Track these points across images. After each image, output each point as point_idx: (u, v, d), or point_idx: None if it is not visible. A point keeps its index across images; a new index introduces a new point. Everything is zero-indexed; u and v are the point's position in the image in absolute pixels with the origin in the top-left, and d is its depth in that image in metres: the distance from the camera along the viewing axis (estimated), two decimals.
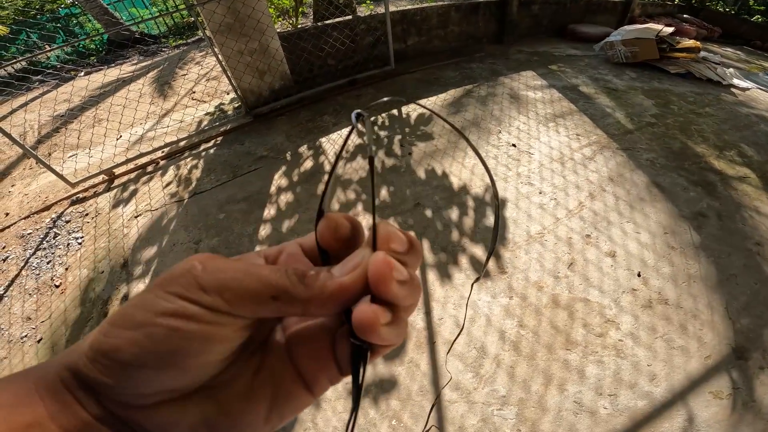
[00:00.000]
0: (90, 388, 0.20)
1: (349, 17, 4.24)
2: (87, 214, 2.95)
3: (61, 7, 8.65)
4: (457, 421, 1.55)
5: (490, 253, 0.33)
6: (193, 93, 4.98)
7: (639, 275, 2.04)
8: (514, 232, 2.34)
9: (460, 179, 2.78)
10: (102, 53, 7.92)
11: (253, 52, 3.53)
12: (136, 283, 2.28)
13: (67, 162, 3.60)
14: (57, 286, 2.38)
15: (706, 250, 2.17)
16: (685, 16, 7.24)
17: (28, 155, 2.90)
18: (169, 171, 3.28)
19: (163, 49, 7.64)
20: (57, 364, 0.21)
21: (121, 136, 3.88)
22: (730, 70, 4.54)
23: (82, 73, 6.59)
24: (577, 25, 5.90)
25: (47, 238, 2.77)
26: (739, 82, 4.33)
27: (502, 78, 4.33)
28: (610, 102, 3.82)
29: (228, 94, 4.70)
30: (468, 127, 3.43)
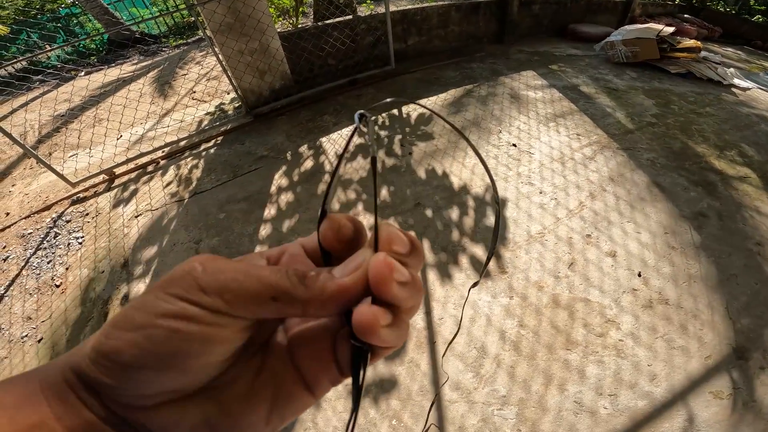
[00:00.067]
0: (93, 389, 0.21)
1: (350, 17, 4.24)
2: (87, 214, 2.95)
3: (61, 6, 8.65)
4: (458, 421, 1.55)
5: (488, 259, 0.33)
6: (194, 93, 4.99)
7: (639, 275, 2.04)
8: (514, 231, 2.34)
9: (461, 179, 2.78)
10: (102, 53, 7.93)
11: (254, 51, 3.53)
12: (137, 282, 2.28)
13: (67, 162, 3.60)
14: (57, 286, 2.38)
15: (706, 250, 2.17)
16: (685, 15, 7.23)
17: (29, 155, 2.91)
18: (169, 171, 3.29)
19: (163, 49, 7.64)
20: (61, 365, 0.22)
21: (121, 136, 3.88)
22: (731, 69, 4.54)
23: (83, 73, 6.59)
24: (577, 25, 5.90)
25: (48, 238, 2.77)
26: (739, 82, 4.32)
27: (502, 78, 4.33)
28: (610, 102, 3.82)
29: (228, 94, 4.70)
30: (468, 127, 3.42)
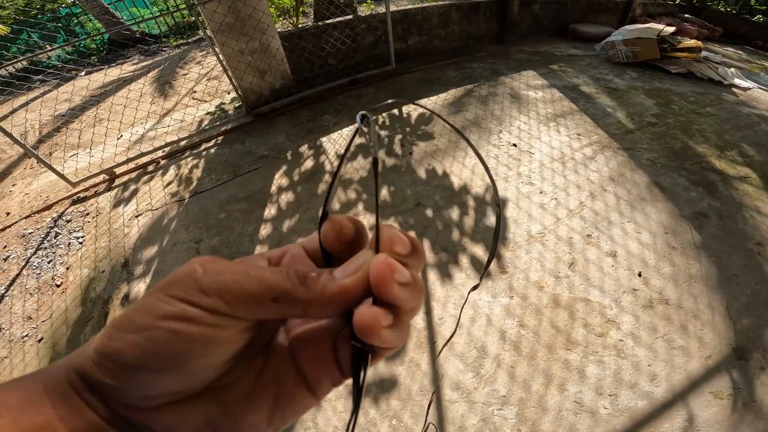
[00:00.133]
0: (97, 390, 0.21)
1: (350, 17, 4.24)
2: (88, 214, 2.96)
3: (61, 6, 8.66)
4: (458, 420, 1.55)
5: (488, 262, 0.33)
6: (194, 92, 4.99)
7: (640, 275, 2.04)
8: (514, 231, 2.34)
9: (461, 179, 2.78)
10: (103, 53, 7.93)
11: (254, 51, 3.53)
12: (137, 282, 2.29)
13: (68, 161, 3.60)
14: (58, 286, 2.39)
15: (707, 250, 2.17)
16: (686, 15, 7.22)
17: (29, 155, 2.91)
18: (169, 170, 3.29)
19: (163, 49, 7.64)
20: (64, 367, 0.22)
21: (121, 136, 3.88)
22: (732, 69, 4.53)
23: (83, 73, 6.60)
24: (578, 25, 5.90)
25: (48, 238, 2.77)
26: (740, 82, 4.32)
27: (502, 78, 4.32)
28: (611, 102, 3.81)
29: (229, 94, 4.70)
30: (469, 127, 3.42)
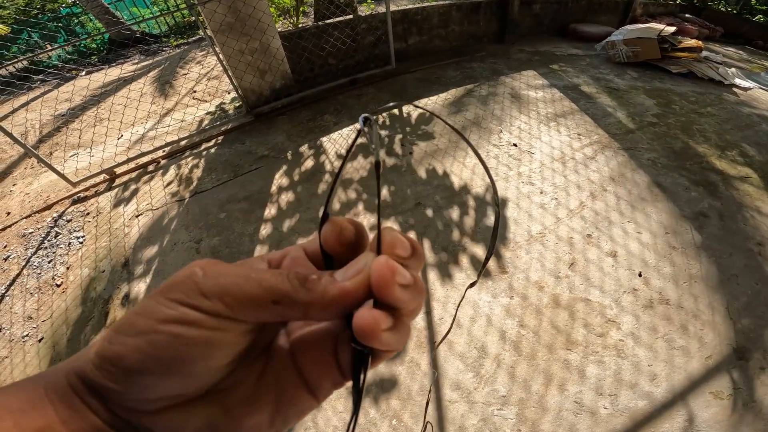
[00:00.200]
0: (98, 393, 0.21)
1: (350, 16, 4.23)
2: (88, 214, 2.96)
3: (62, 6, 8.66)
4: (458, 420, 1.55)
5: (486, 261, 0.33)
6: (194, 92, 4.99)
7: (640, 275, 2.04)
8: (515, 231, 2.34)
9: (461, 179, 2.78)
10: (103, 53, 7.92)
11: (254, 51, 3.53)
12: (137, 282, 2.29)
13: (68, 161, 3.61)
14: (58, 286, 2.39)
15: (707, 250, 2.17)
16: (686, 15, 7.22)
17: (30, 154, 2.91)
18: (170, 170, 3.29)
19: (164, 49, 7.64)
20: (64, 370, 0.22)
21: (122, 136, 3.89)
22: (732, 69, 4.53)
23: (84, 73, 6.60)
24: (578, 25, 5.89)
25: (48, 238, 2.78)
26: (741, 82, 4.31)
27: (503, 77, 4.32)
28: (611, 101, 3.81)
29: (229, 94, 4.70)
30: (469, 127, 3.42)
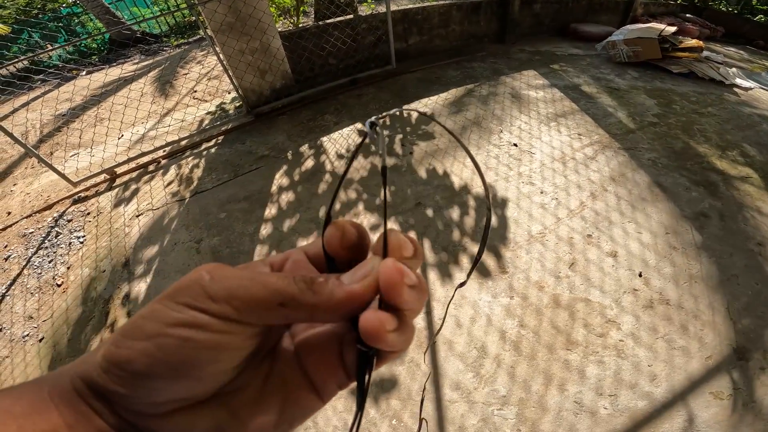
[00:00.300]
0: (104, 397, 0.21)
1: (351, 16, 4.23)
2: (89, 213, 2.96)
3: (62, 6, 8.66)
4: (458, 420, 1.55)
5: (475, 262, 0.33)
6: (195, 92, 4.99)
7: (640, 275, 2.04)
8: (515, 231, 2.34)
9: (461, 179, 2.78)
10: (104, 52, 7.93)
11: (255, 51, 3.53)
12: (138, 282, 2.29)
13: (68, 161, 3.61)
14: (59, 285, 2.39)
15: (707, 250, 2.17)
16: (687, 15, 7.20)
17: (30, 154, 2.91)
18: (170, 170, 3.29)
19: (164, 49, 7.64)
20: (68, 374, 0.21)
21: (122, 136, 3.89)
22: (733, 69, 4.52)
23: (84, 73, 6.60)
24: (579, 25, 5.89)
25: (49, 237, 2.78)
26: (741, 82, 4.31)
27: (503, 77, 4.32)
28: (612, 101, 3.81)
29: (229, 94, 4.70)
30: (469, 127, 3.42)
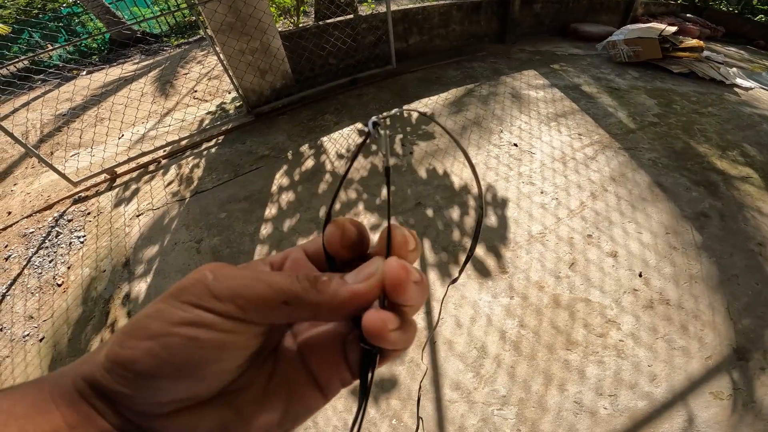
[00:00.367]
0: (107, 397, 0.20)
1: (351, 16, 4.23)
2: (89, 213, 2.96)
3: (62, 6, 8.66)
4: (457, 420, 1.55)
5: (466, 260, 0.33)
6: (195, 92, 4.99)
7: (640, 275, 2.04)
8: (515, 231, 2.33)
9: (461, 179, 2.78)
10: (104, 52, 7.93)
11: (255, 51, 3.53)
12: (138, 281, 2.29)
13: (69, 161, 3.61)
14: (59, 285, 2.39)
15: (708, 250, 2.17)
16: (688, 15, 7.19)
17: (31, 154, 2.91)
18: (170, 170, 3.29)
19: (164, 48, 7.64)
20: (70, 375, 0.21)
21: (122, 135, 3.89)
22: (734, 69, 4.51)
23: (84, 72, 6.61)
24: (579, 24, 5.88)
25: (49, 237, 2.78)
26: (742, 82, 4.30)
27: (503, 77, 4.32)
28: (612, 101, 3.80)
29: (229, 93, 4.71)
30: (469, 127, 3.42)
